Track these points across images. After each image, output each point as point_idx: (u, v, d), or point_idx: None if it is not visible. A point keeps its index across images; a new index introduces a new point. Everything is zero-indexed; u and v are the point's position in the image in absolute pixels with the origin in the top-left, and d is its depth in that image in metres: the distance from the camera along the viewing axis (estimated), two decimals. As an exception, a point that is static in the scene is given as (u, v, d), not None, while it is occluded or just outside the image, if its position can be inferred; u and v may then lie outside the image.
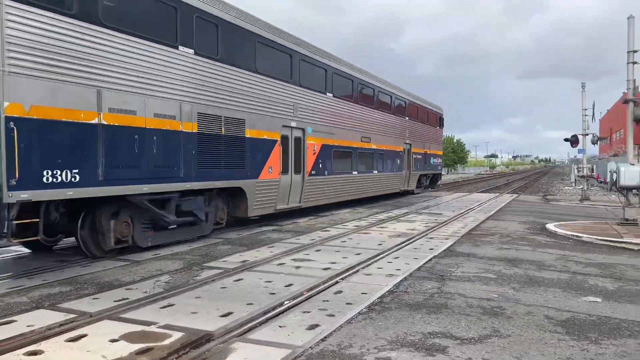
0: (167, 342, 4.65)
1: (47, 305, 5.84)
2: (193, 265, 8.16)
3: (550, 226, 12.99)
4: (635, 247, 10.12)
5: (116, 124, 8.19)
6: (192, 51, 10.05)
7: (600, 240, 10.79)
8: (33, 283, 6.91)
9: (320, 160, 15.78)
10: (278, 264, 8.23)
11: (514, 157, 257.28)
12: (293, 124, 14.22)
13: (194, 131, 10.06)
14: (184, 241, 10.35)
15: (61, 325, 5.10)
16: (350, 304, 5.93)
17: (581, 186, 26.38)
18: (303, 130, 14.79)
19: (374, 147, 20.31)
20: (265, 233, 11.89)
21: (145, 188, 8.83)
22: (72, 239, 9.17)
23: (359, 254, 9.15)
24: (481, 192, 31.23)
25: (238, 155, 11.61)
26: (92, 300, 6.04)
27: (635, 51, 13.10)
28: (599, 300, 6.22)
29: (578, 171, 25.44)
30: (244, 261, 8.46)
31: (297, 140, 14.52)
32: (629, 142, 13.72)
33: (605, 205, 20.82)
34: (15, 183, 6.56)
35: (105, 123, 7.98)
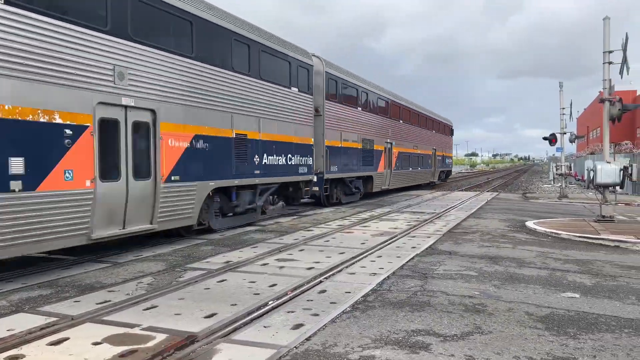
0: (151, 344, 4.62)
1: (28, 309, 5.75)
2: (176, 266, 8.11)
3: (530, 224, 13.22)
4: (612, 244, 10.36)
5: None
6: (360, 109, 20.81)
7: (578, 237, 11.02)
8: (12, 286, 6.79)
9: (398, 161, 25.75)
10: (262, 264, 8.22)
11: (494, 156, 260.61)
12: (388, 140, 24.16)
13: (360, 147, 20.75)
14: (172, 241, 10.29)
15: (42, 329, 5.03)
16: (335, 303, 5.96)
17: (559, 184, 26.87)
18: (391, 143, 24.60)
19: (418, 152, 30.31)
20: (248, 233, 11.87)
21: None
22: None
23: (342, 253, 9.20)
24: (462, 190, 31.59)
25: (371, 158, 21.95)
26: (74, 303, 5.96)
27: (610, 51, 13.39)
28: (577, 296, 6.36)
29: (556, 169, 25.90)
30: (228, 262, 8.43)
31: (389, 150, 24.34)
32: (605, 140, 14.03)
33: (582, 203, 21.24)
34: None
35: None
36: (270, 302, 5.98)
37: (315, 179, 16.44)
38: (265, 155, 13.12)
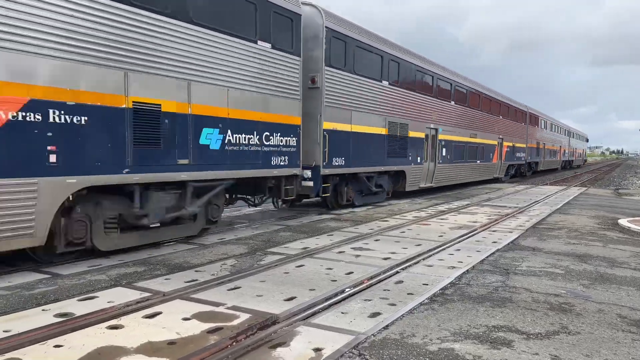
0: (235, 322, 4.87)
1: (124, 284, 6.23)
2: (257, 250, 8.43)
3: (623, 222, 12.32)
4: None
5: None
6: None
7: (680, 238, 10.12)
8: (110, 262, 7.39)
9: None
10: (338, 252, 8.34)
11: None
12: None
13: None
14: (253, 226, 10.69)
15: (138, 302, 5.45)
16: (412, 294, 5.94)
17: (658, 180, 24.69)
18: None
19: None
20: (324, 221, 12.04)
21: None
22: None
23: (419, 245, 9.10)
24: (547, 184, 29.98)
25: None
26: (164, 281, 6.39)
27: None
28: (677, 301, 5.89)
29: (655, 164, 23.68)
30: (305, 248, 8.63)
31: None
32: None
33: (685, 201, 19.44)
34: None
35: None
36: (347, 289, 6.07)
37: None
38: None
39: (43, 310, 5.18)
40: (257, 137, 10.24)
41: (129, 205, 7.88)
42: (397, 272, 7.01)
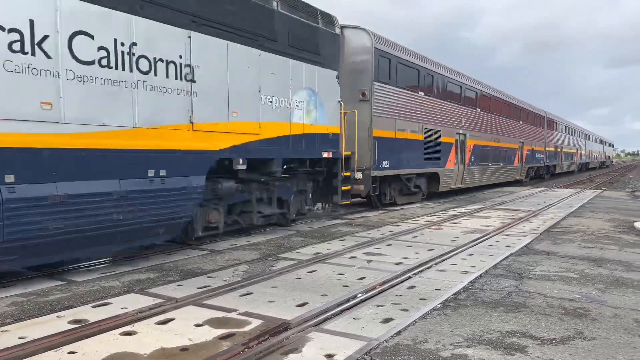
0: (247, 328, 4.88)
1: (137, 290, 6.28)
2: (268, 255, 8.44)
3: (639, 225, 12.14)
4: None
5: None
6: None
7: (698, 241, 9.93)
8: (124, 269, 7.45)
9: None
10: (350, 257, 8.32)
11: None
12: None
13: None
14: (265, 232, 10.73)
15: (151, 309, 5.48)
16: (424, 299, 5.90)
17: (675, 182, 24.29)
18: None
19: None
20: (336, 226, 12.03)
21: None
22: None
23: (431, 249, 9.05)
24: (561, 187, 29.65)
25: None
26: (177, 287, 6.42)
27: None
28: (696, 305, 5.78)
29: (672, 166, 23.29)
30: (317, 253, 8.63)
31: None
32: None
33: (703, 203, 19.10)
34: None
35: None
36: (359, 295, 6.05)
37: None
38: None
39: (58, 316, 5.23)
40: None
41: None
42: (410, 277, 6.98)
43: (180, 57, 7.85)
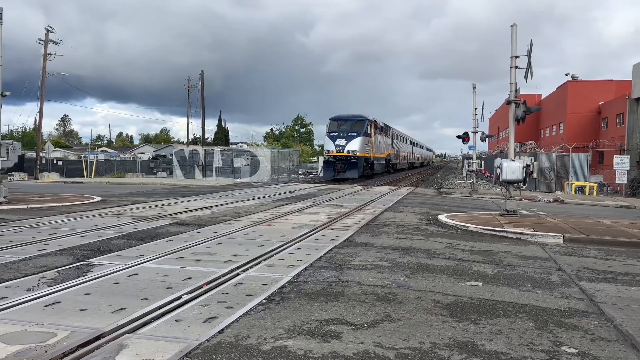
0: (51, 341, 4.36)
1: None
2: (83, 259, 7.70)
3: (442, 217, 13.90)
4: (514, 236, 11.15)
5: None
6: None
7: (485, 229, 11.75)
8: None
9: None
10: (177, 258, 8.01)
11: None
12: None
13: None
14: (72, 234, 9.72)
15: None
16: (250, 295, 5.94)
17: (471, 180, 28.45)
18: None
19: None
20: (164, 227, 11.51)
21: None
22: None
23: (261, 245, 9.18)
24: (381, 185, 32.59)
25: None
26: (-36, 301, 5.48)
27: (517, 57, 14.35)
28: (480, 284, 6.79)
29: (468, 166, 27.42)
30: (140, 255, 8.13)
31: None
32: (511, 140, 15.04)
33: (491, 198, 22.65)
34: None
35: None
36: (183, 296, 5.84)
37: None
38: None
39: None
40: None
41: None
42: (238, 275, 6.97)
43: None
